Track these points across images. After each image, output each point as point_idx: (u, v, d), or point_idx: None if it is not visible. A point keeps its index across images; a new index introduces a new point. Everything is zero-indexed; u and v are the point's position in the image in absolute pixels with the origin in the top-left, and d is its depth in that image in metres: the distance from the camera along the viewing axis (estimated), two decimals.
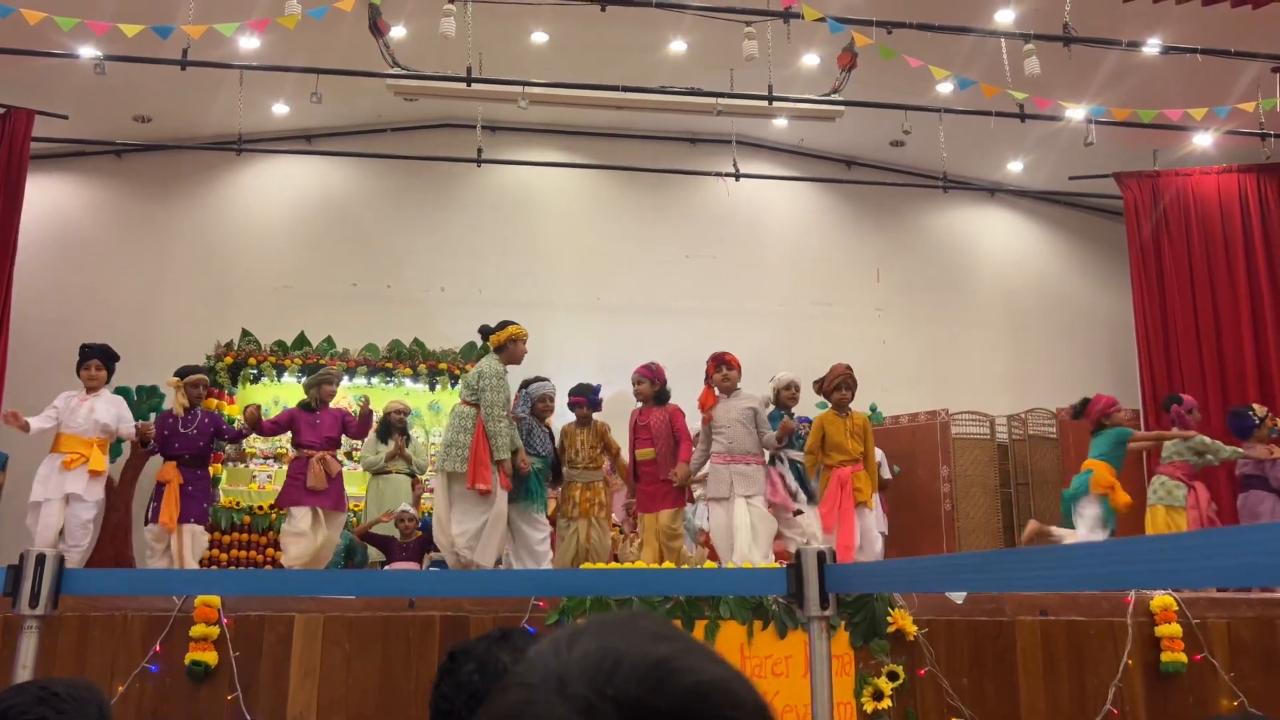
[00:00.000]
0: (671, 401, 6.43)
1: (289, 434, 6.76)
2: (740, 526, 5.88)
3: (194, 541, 6.27)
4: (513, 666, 1.60)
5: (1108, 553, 1.21)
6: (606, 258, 10.32)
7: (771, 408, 6.62)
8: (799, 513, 6.34)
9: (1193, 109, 7.47)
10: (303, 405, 6.60)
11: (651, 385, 6.33)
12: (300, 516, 6.17)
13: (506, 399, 5.96)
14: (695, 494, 7.00)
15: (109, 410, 6.27)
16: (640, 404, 6.40)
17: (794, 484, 6.41)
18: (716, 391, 6.32)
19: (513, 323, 6.14)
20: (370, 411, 6.73)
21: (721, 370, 6.29)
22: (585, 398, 6.48)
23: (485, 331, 6.17)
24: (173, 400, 6.66)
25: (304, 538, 6.13)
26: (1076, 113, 7.83)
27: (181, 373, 6.62)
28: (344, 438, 6.69)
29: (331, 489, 6.29)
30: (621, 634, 0.72)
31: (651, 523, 6.17)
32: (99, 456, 6.19)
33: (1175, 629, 4.72)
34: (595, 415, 6.51)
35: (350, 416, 6.77)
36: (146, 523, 6.32)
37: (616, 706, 0.66)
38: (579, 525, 6.09)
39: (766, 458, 6.24)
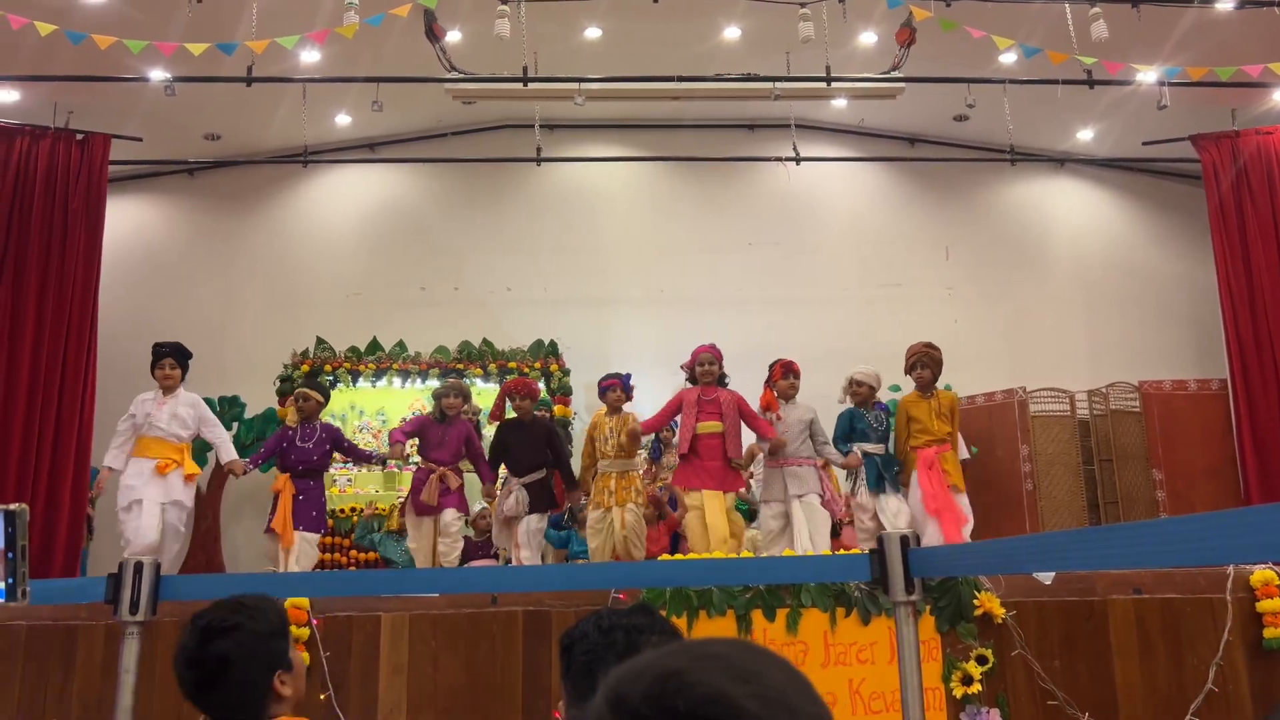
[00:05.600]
0: (734, 389, 6.47)
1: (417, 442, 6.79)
2: (799, 525, 6.03)
3: (303, 547, 6.22)
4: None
5: (1204, 526, 1.17)
6: (668, 249, 10.29)
7: (847, 403, 6.62)
8: (849, 521, 6.58)
9: (1273, 64, 7.16)
10: (434, 415, 6.63)
11: (720, 366, 6.43)
12: (412, 527, 6.41)
13: None
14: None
15: (189, 410, 6.19)
16: (696, 384, 6.40)
17: (846, 488, 6.64)
18: (778, 396, 6.49)
19: None
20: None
21: (789, 378, 6.49)
22: (620, 379, 6.49)
23: None
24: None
25: (418, 550, 6.37)
26: (1148, 76, 7.56)
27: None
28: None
29: (451, 498, 6.37)
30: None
31: (712, 500, 6.06)
32: (191, 461, 6.21)
33: (1278, 604, 4.55)
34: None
35: (474, 437, 6.75)
36: (266, 531, 6.36)
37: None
38: (614, 514, 6.10)
39: (820, 461, 6.43)
